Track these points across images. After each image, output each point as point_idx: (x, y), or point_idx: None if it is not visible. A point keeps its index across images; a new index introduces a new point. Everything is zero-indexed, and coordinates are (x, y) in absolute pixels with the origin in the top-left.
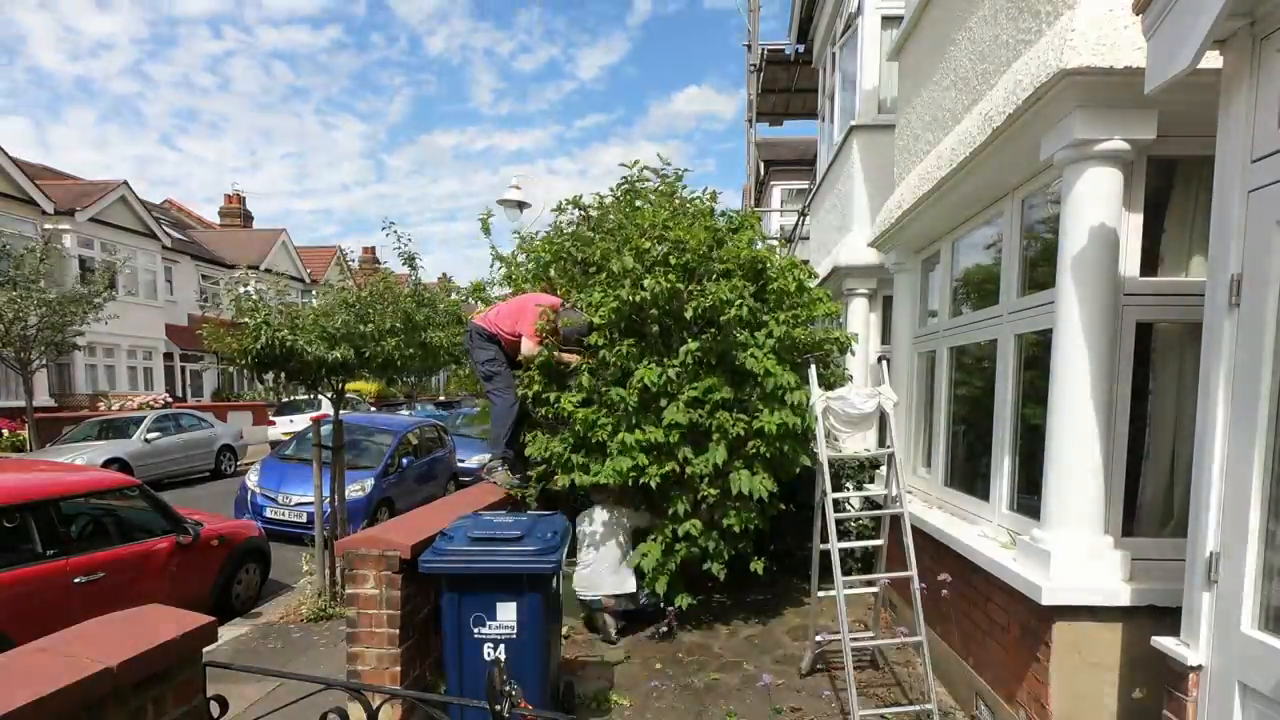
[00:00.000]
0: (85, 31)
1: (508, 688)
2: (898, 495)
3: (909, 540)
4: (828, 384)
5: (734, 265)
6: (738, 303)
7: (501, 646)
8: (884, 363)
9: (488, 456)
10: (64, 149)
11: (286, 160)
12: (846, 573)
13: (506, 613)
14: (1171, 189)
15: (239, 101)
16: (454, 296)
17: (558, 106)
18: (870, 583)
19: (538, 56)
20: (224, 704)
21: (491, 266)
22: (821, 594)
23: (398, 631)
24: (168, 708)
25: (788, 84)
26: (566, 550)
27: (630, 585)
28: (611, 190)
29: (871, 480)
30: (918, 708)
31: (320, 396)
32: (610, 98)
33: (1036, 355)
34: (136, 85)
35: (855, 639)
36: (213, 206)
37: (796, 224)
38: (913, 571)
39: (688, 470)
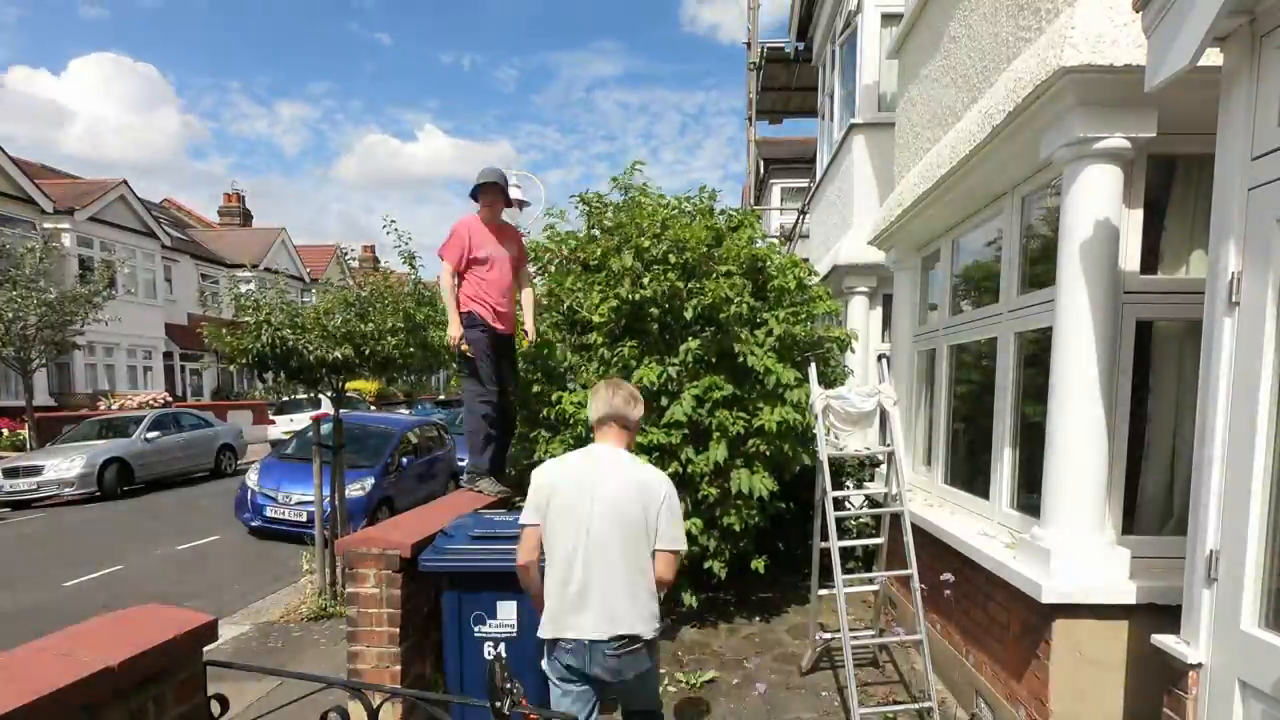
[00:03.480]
0: None
1: (509, 685)
2: (898, 494)
3: (909, 539)
4: (828, 382)
5: (734, 264)
6: (737, 300)
7: (502, 645)
8: (884, 361)
9: None
10: None
11: None
12: (848, 571)
13: (507, 611)
14: (1171, 187)
15: None
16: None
17: None
18: (870, 580)
19: None
20: (225, 703)
21: None
22: (822, 592)
23: (398, 630)
24: (168, 707)
25: (787, 82)
26: None
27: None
28: (615, 182)
29: (872, 479)
30: (919, 705)
31: (320, 395)
32: None
33: (1036, 353)
34: None
35: (856, 637)
36: None
37: (796, 222)
38: (913, 570)
39: (688, 470)
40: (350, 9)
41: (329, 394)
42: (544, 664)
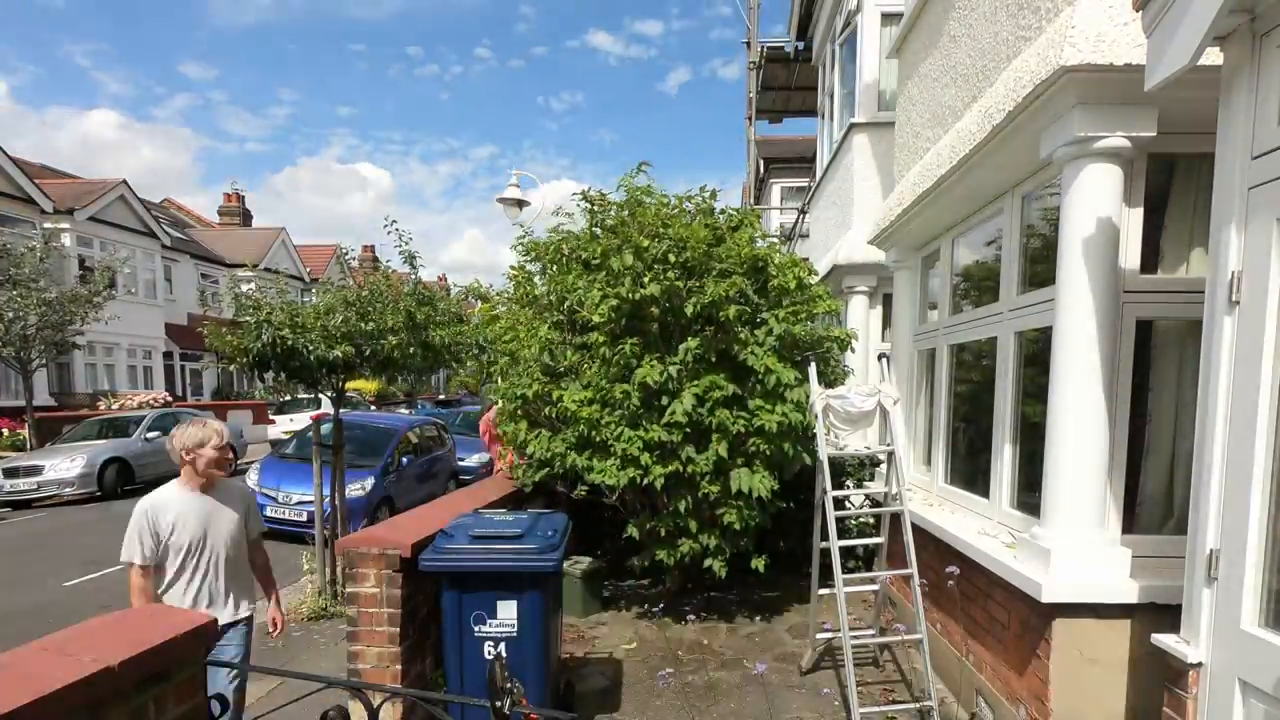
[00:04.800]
0: None
1: (509, 685)
2: (898, 493)
3: (909, 538)
4: (828, 382)
5: (734, 264)
6: (739, 301)
7: (502, 645)
8: (885, 360)
9: (488, 455)
10: None
11: None
12: (848, 571)
13: (507, 611)
14: (1172, 186)
15: None
16: (453, 295)
17: None
18: (871, 580)
19: None
20: (225, 703)
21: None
22: (823, 591)
23: (398, 630)
24: (169, 707)
25: (787, 81)
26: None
27: None
28: (621, 182)
29: (872, 478)
30: (919, 705)
31: (320, 395)
32: None
33: (1036, 352)
34: None
35: (856, 636)
36: None
37: (796, 222)
38: (913, 569)
39: (689, 469)
40: None
41: (329, 394)
42: None
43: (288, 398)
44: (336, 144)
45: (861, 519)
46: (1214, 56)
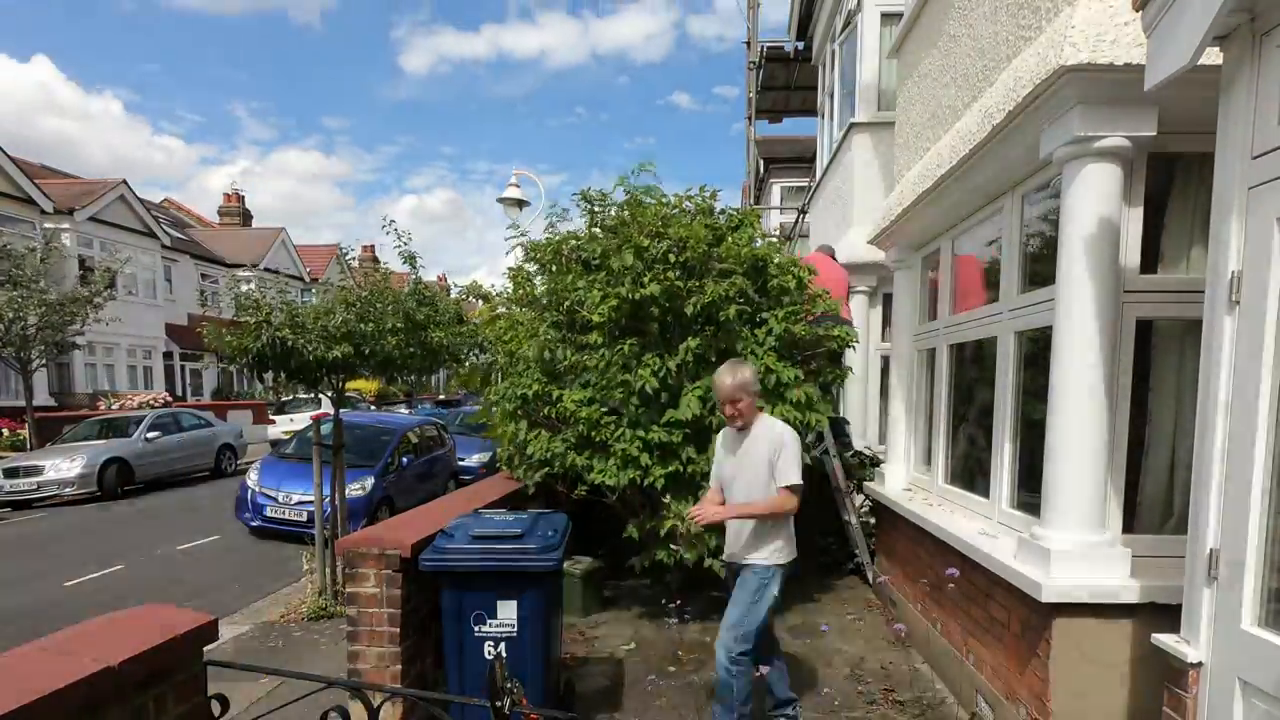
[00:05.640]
0: None
1: (508, 684)
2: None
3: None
4: (829, 382)
5: (734, 264)
6: (739, 301)
7: (502, 645)
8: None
9: (488, 455)
10: None
11: None
12: (848, 574)
13: (507, 611)
14: (1172, 186)
15: None
16: (454, 295)
17: None
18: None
19: None
20: (225, 703)
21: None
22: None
23: (398, 630)
24: (169, 706)
25: (787, 81)
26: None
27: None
28: (621, 182)
29: (872, 478)
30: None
31: (320, 395)
32: None
33: (1036, 352)
34: None
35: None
36: None
37: (796, 221)
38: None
39: (689, 469)
40: None
41: (329, 394)
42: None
43: (287, 398)
44: (430, 175)
45: (860, 519)
46: (1214, 56)
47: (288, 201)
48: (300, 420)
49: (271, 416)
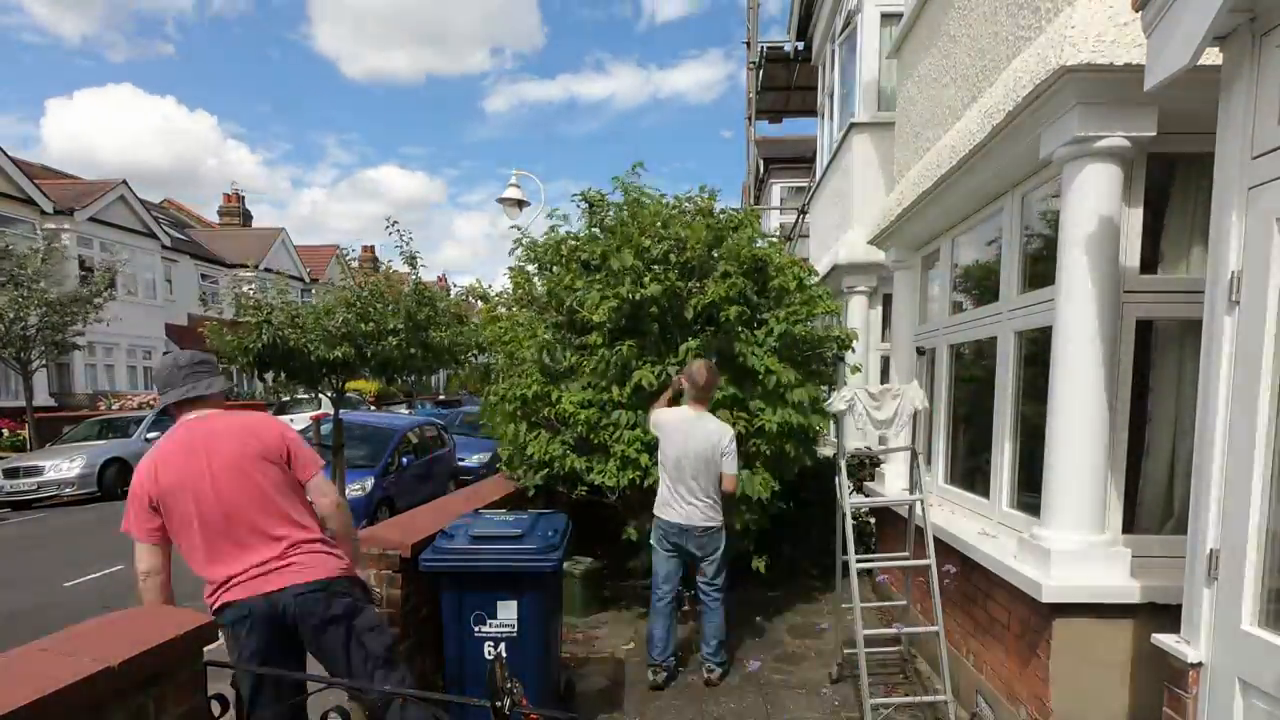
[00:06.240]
0: None
1: (509, 685)
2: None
3: (929, 529)
4: (829, 381)
5: (734, 264)
6: (739, 300)
7: (502, 645)
8: (922, 354)
9: (488, 455)
10: None
11: None
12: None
13: (507, 611)
14: (1172, 186)
15: None
16: (453, 296)
17: None
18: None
19: None
20: (225, 703)
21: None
22: (845, 605)
23: (398, 630)
24: (169, 707)
25: (787, 81)
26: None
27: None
28: (617, 181)
29: (872, 478)
30: (932, 699)
31: (320, 395)
32: None
33: (1036, 352)
34: None
35: (874, 651)
36: None
37: (796, 222)
38: (931, 560)
39: None
40: None
41: (329, 394)
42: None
43: (287, 398)
44: (483, 192)
45: (860, 519)
46: (1214, 56)
47: (349, 220)
48: (300, 421)
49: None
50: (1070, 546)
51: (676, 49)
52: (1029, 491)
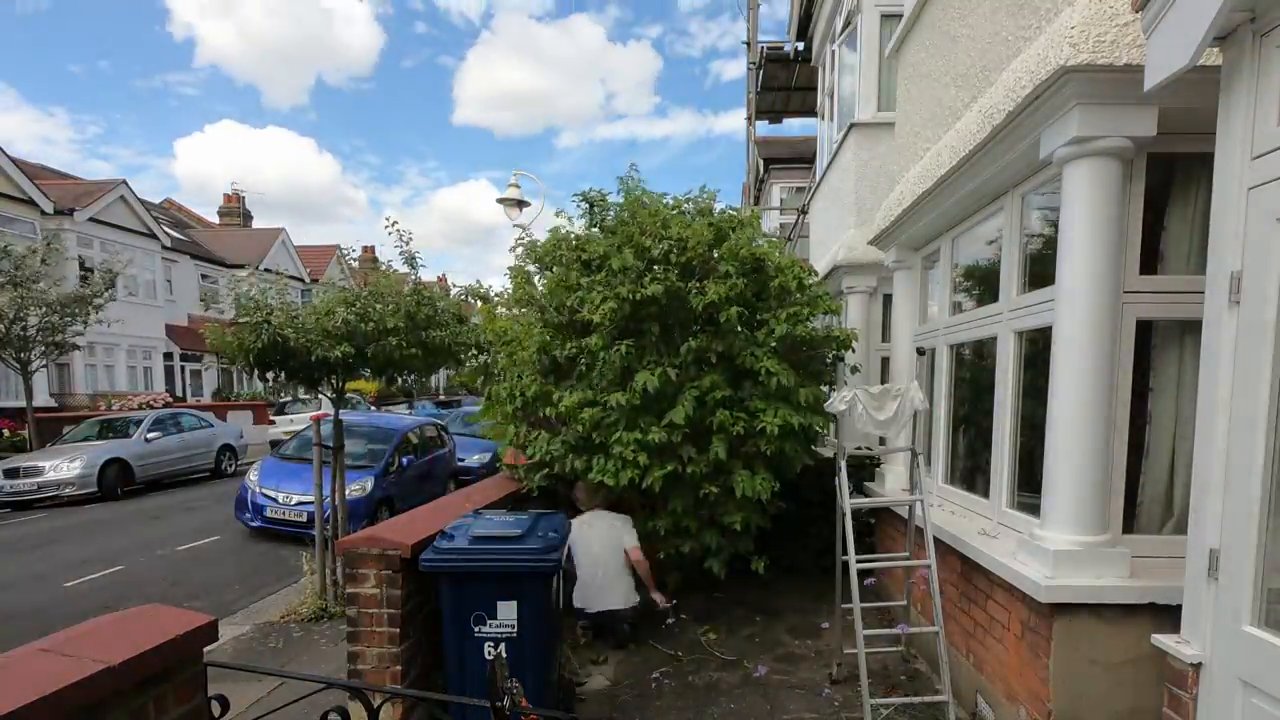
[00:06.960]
0: None
1: (508, 685)
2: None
3: (929, 530)
4: (829, 381)
5: (734, 265)
6: (739, 300)
7: (502, 645)
8: (922, 354)
9: (488, 455)
10: None
11: None
12: (862, 576)
13: (507, 611)
14: (1172, 186)
15: None
16: (453, 295)
17: None
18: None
19: None
20: (225, 703)
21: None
22: (846, 605)
23: (398, 631)
24: (169, 707)
25: (787, 82)
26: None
27: (635, 597)
28: (621, 181)
29: (871, 478)
30: (930, 699)
31: (320, 395)
32: None
33: (1036, 353)
34: None
35: (871, 635)
36: None
37: (796, 222)
38: (931, 560)
39: (689, 469)
40: None
41: (329, 394)
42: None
43: (286, 398)
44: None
45: (861, 516)
46: (1214, 56)
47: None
48: (300, 421)
49: (271, 417)
50: (1070, 547)
51: (732, 100)
52: (1029, 491)
